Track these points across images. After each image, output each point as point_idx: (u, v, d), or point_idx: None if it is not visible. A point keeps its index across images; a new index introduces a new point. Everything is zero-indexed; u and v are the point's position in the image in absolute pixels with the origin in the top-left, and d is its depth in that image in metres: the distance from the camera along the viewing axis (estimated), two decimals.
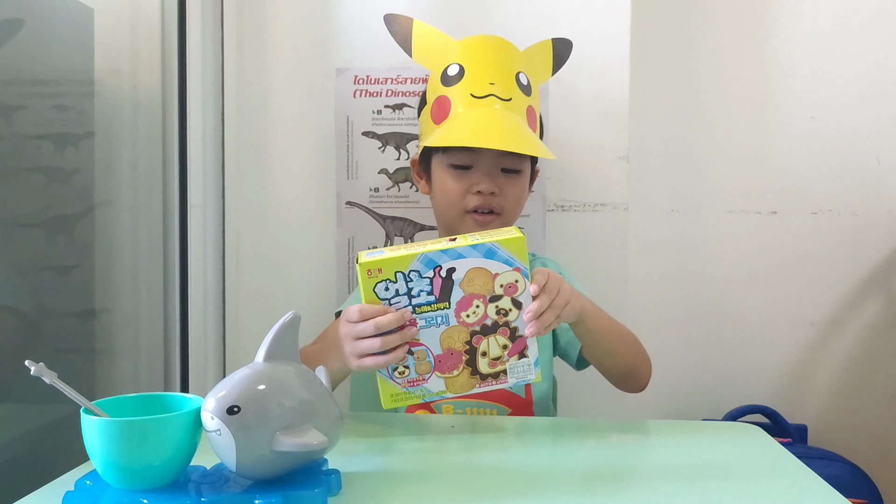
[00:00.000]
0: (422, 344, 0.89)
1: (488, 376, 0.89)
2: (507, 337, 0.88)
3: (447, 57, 1.22)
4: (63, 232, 1.27)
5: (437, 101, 1.21)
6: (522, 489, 0.78)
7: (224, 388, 0.68)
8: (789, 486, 0.79)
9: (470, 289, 0.87)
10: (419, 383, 0.89)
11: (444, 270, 0.87)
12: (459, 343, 0.88)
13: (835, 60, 1.66)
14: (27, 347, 1.18)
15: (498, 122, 1.16)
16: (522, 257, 0.88)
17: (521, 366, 0.89)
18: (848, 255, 1.67)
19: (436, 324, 0.88)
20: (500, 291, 0.88)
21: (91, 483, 0.71)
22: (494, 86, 1.18)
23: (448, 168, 1.20)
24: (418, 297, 0.87)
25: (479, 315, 0.88)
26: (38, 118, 1.23)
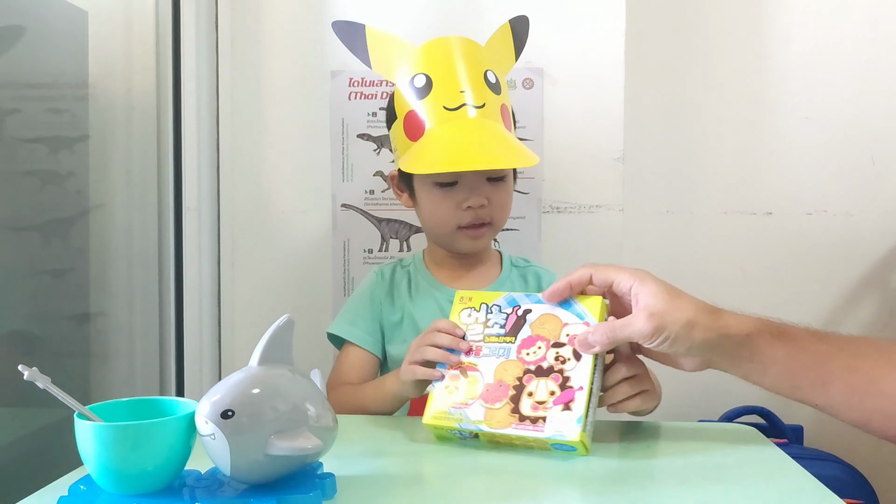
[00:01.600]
0: (478, 370, 0.91)
1: (527, 418, 0.86)
2: (558, 384, 0.87)
3: (410, 66, 1.18)
4: (57, 235, 1.27)
5: (409, 117, 1.16)
6: (519, 491, 0.78)
7: (218, 392, 0.68)
8: (785, 487, 0.79)
9: (538, 331, 0.90)
10: (462, 407, 0.89)
11: (521, 310, 0.93)
12: (511, 378, 0.89)
13: (829, 61, 1.66)
14: (22, 351, 1.18)
15: (478, 137, 1.13)
16: (598, 316, 0.88)
17: (563, 418, 0.85)
18: (843, 256, 1.67)
19: (497, 354, 0.91)
20: (564, 339, 0.89)
21: (85, 488, 0.71)
22: (465, 93, 1.14)
23: (432, 187, 1.17)
24: (491, 329, 0.93)
25: (538, 356, 0.89)
26: (33, 121, 1.23)
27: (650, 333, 0.82)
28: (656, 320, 0.82)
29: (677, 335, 0.82)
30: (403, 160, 1.16)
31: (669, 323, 0.82)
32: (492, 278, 1.25)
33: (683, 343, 0.83)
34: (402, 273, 1.27)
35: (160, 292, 1.39)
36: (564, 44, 1.47)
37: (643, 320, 0.82)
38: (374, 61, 1.22)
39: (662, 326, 0.82)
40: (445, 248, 1.24)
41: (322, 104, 1.51)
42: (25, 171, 1.21)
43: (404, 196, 1.25)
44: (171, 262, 1.39)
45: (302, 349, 1.14)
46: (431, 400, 0.92)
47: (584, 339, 0.86)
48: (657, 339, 0.83)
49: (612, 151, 1.48)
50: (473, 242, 1.19)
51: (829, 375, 0.84)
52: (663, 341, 0.83)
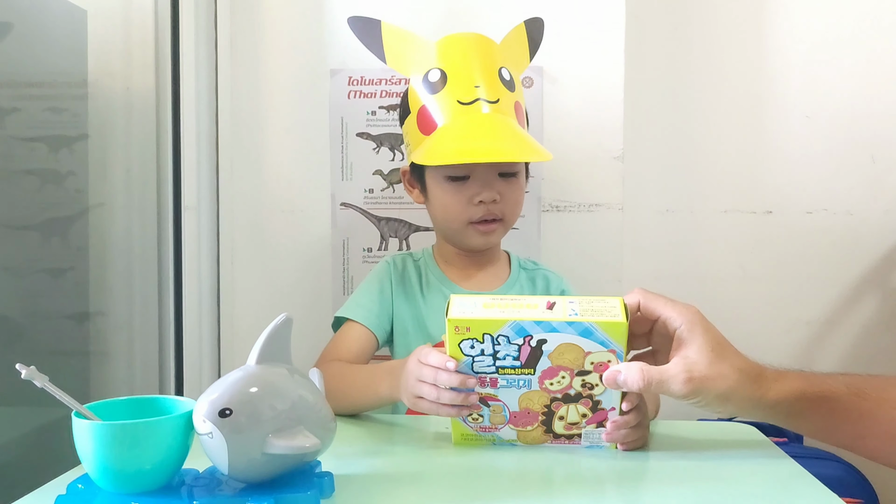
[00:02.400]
0: (500, 400, 0.85)
1: (562, 436, 0.86)
2: (589, 408, 0.85)
3: (425, 61, 1.17)
4: (57, 234, 1.27)
5: (423, 111, 1.16)
6: (517, 490, 0.78)
7: (216, 391, 0.68)
8: (784, 486, 0.79)
9: (559, 361, 0.82)
10: (491, 430, 0.87)
11: (534, 340, 0.82)
12: (538, 405, 0.85)
13: (829, 59, 1.66)
14: (21, 350, 1.17)
15: (490, 130, 1.13)
16: (621, 342, 0.81)
17: (598, 434, 0.85)
18: (843, 254, 1.67)
19: (517, 386, 0.84)
20: (589, 368, 0.82)
21: (83, 487, 0.71)
22: (480, 88, 1.14)
23: (444, 181, 1.16)
24: (503, 361, 0.83)
25: (563, 385, 0.84)
26: (32, 120, 1.22)
27: (684, 396, 0.80)
28: (694, 385, 0.79)
29: (710, 403, 0.81)
30: (418, 153, 1.16)
31: (706, 391, 0.79)
32: (502, 279, 1.25)
33: (714, 409, 0.82)
34: (413, 266, 1.26)
35: (159, 291, 1.39)
36: (564, 42, 1.47)
37: (680, 383, 0.79)
38: (389, 57, 1.22)
39: (698, 392, 0.79)
40: (456, 245, 1.23)
41: (321, 103, 1.51)
42: (25, 170, 1.21)
43: (415, 192, 1.25)
44: (171, 260, 1.39)
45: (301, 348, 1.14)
46: (455, 423, 0.88)
47: (614, 379, 0.81)
48: (690, 401, 0.81)
49: (611, 150, 1.48)
50: (484, 238, 1.19)
51: (867, 430, 0.83)
52: (696, 404, 0.81)
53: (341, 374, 1.08)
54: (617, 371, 0.81)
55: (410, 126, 1.19)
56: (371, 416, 1.06)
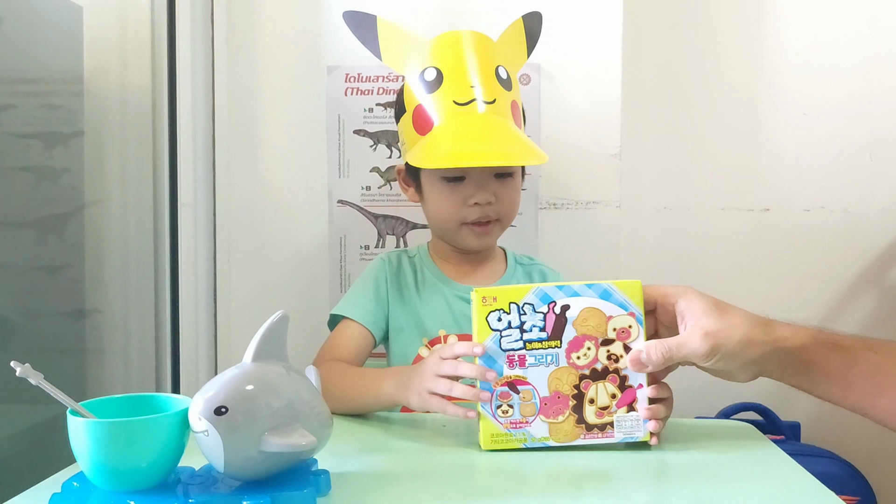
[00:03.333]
0: (528, 383, 0.85)
1: (594, 427, 0.85)
2: (617, 386, 0.85)
3: (421, 59, 1.16)
4: (53, 231, 1.27)
5: (418, 110, 1.15)
6: (514, 488, 0.78)
7: (212, 389, 0.68)
8: (781, 484, 0.78)
9: (583, 329, 0.85)
10: (522, 426, 0.85)
11: (558, 307, 0.85)
12: (567, 386, 0.85)
13: (827, 57, 1.66)
14: (16, 348, 1.17)
15: (486, 132, 1.12)
16: (638, 302, 0.85)
17: (630, 420, 0.85)
18: (840, 252, 1.67)
19: (545, 363, 0.85)
20: (612, 335, 0.85)
21: (78, 485, 0.70)
22: (476, 88, 1.12)
23: (439, 181, 1.16)
24: (530, 332, 0.85)
25: (589, 358, 0.85)
26: (27, 117, 1.22)
27: (706, 353, 0.81)
28: (711, 339, 0.80)
29: (733, 353, 0.81)
30: (411, 154, 1.15)
31: (724, 343, 0.81)
32: (497, 275, 1.25)
33: (738, 360, 0.82)
34: (408, 263, 1.25)
35: (156, 288, 1.39)
36: (562, 40, 1.47)
37: (698, 340, 0.81)
38: (385, 53, 1.21)
39: (718, 345, 0.80)
40: (451, 244, 1.23)
41: (318, 100, 1.50)
42: (20, 166, 1.20)
43: (410, 191, 1.24)
44: (167, 258, 1.39)
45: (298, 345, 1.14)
46: (484, 422, 0.86)
47: (638, 358, 0.84)
48: (713, 359, 0.81)
49: (609, 147, 1.48)
50: (480, 240, 1.18)
51: (880, 386, 0.83)
52: (718, 360, 0.81)
53: (342, 375, 1.07)
54: (639, 351, 0.84)
55: (406, 125, 1.18)
56: (368, 414, 1.05)
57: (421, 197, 1.22)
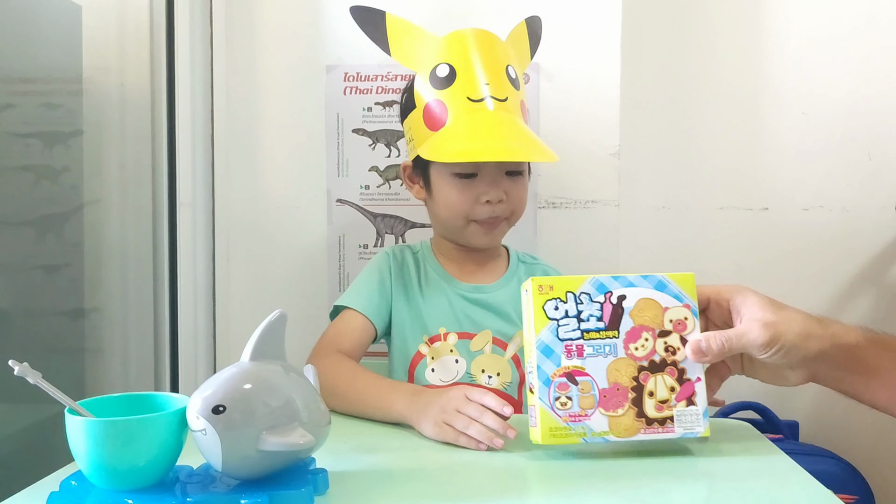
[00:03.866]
0: (587, 374, 0.83)
1: (654, 421, 0.84)
2: (675, 378, 0.84)
3: (433, 56, 1.16)
4: (52, 231, 1.27)
5: (430, 107, 1.15)
6: (511, 487, 0.78)
7: (210, 388, 0.68)
8: (779, 483, 0.79)
9: (640, 320, 0.84)
10: (581, 419, 0.83)
11: (614, 297, 0.85)
12: (626, 378, 0.84)
13: (826, 56, 1.66)
14: (15, 346, 1.17)
15: (500, 129, 1.12)
16: (692, 295, 0.86)
17: (689, 414, 0.84)
18: (839, 251, 1.67)
19: (603, 353, 0.84)
20: (669, 327, 0.85)
21: (76, 483, 0.71)
22: (489, 86, 1.13)
23: (451, 177, 1.15)
24: (587, 322, 0.84)
25: (647, 349, 0.84)
26: (26, 116, 1.22)
27: (766, 343, 0.80)
28: (771, 330, 0.80)
29: (792, 345, 0.81)
30: (425, 149, 1.14)
31: (784, 332, 0.80)
32: (499, 273, 1.25)
33: (797, 353, 0.81)
34: (412, 259, 1.25)
35: (155, 288, 1.39)
36: (561, 39, 1.47)
37: (758, 330, 0.80)
38: (394, 49, 1.20)
39: (777, 336, 0.80)
40: (456, 241, 1.23)
41: (317, 99, 1.50)
42: (19, 166, 1.21)
43: (415, 187, 1.24)
44: (166, 257, 1.39)
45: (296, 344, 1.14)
46: (544, 416, 0.83)
47: (698, 348, 0.83)
48: (772, 350, 0.81)
49: (608, 147, 1.48)
50: (487, 237, 1.19)
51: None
52: (777, 351, 0.81)
53: (351, 376, 1.07)
54: (697, 340, 0.83)
55: (415, 121, 1.18)
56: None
57: (428, 193, 1.22)
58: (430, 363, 1.18)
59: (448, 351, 1.19)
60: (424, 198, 1.24)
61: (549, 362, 0.83)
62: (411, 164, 1.24)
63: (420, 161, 1.19)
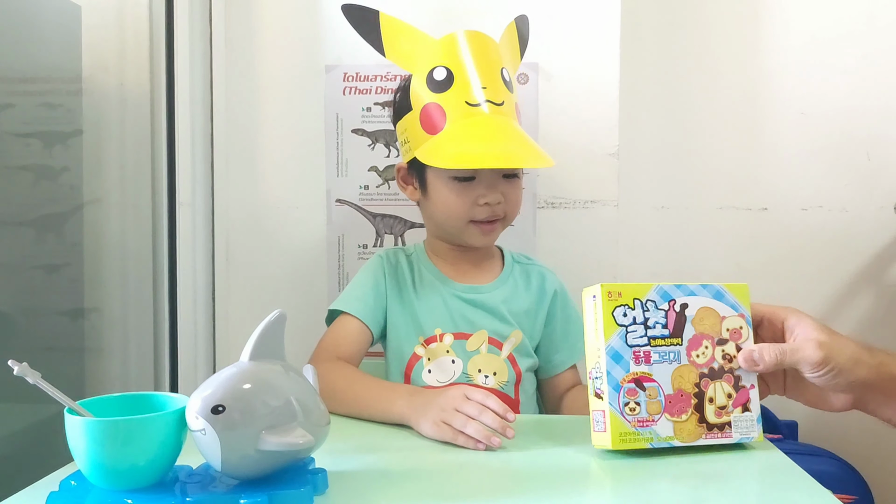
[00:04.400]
0: (654, 380, 0.86)
1: (714, 427, 0.87)
2: (732, 385, 0.88)
3: (429, 58, 1.15)
4: (52, 230, 1.27)
5: (427, 109, 1.14)
6: (510, 488, 0.78)
7: (209, 388, 0.68)
8: (778, 482, 0.79)
9: (700, 328, 0.88)
10: (649, 424, 0.85)
11: (678, 305, 0.88)
12: (689, 385, 0.87)
13: (825, 56, 1.66)
14: (16, 346, 1.17)
15: (499, 134, 1.12)
16: (746, 305, 0.89)
17: (745, 420, 0.88)
18: (838, 251, 1.67)
19: (668, 360, 0.87)
20: (726, 335, 0.88)
21: (76, 483, 0.71)
22: (486, 90, 1.13)
23: (448, 181, 1.16)
24: (654, 329, 0.86)
25: (707, 357, 0.88)
26: (26, 116, 1.22)
27: (819, 362, 0.82)
28: (825, 350, 0.82)
29: (843, 368, 0.82)
30: (423, 152, 1.14)
31: (837, 354, 0.82)
32: (495, 273, 1.25)
33: (846, 377, 0.83)
34: (406, 261, 1.25)
35: (154, 287, 1.39)
36: (559, 39, 1.47)
37: (813, 348, 0.82)
38: (389, 49, 1.19)
39: (830, 357, 0.82)
40: (453, 242, 1.23)
41: (316, 99, 1.50)
42: (19, 165, 1.21)
43: (409, 189, 1.24)
44: (165, 257, 1.39)
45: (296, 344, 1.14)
46: (614, 421, 0.84)
47: (751, 357, 0.87)
48: (823, 369, 0.82)
49: (607, 147, 1.48)
50: (485, 237, 1.19)
51: None
52: (828, 372, 0.82)
53: (349, 381, 1.08)
54: (751, 350, 0.87)
55: (411, 123, 1.17)
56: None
57: (424, 195, 1.22)
58: (426, 364, 1.18)
59: (444, 352, 1.19)
60: (419, 199, 1.24)
61: (619, 368, 0.85)
62: (406, 166, 1.23)
63: (416, 163, 1.19)
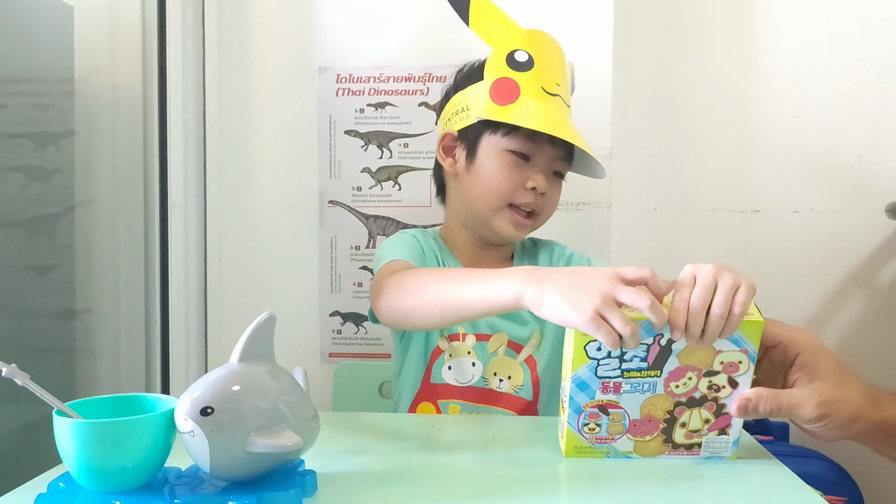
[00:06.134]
0: (620, 407, 0.81)
1: (681, 446, 0.83)
2: (713, 412, 0.82)
3: (513, 40, 1.15)
4: (43, 231, 1.27)
5: (503, 82, 1.14)
6: (503, 489, 0.78)
7: (198, 389, 0.68)
8: (766, 484, 0.79)
9: (687, 361, 0.79)
10: (607, 441, 0.83)
11: (664, 339, 0.78)
12: (660, 412, 0.82)
13: (817, 59, 1.67)
14: (6, 348, 1.17)
15: (569, 126, 1.13)
16: (754, 342, 0.79)
17: (719, 442, 0.83)
18: (830, 254, 1.68)
19: (641, 390, 0.80)
20: (718, 368, 0.80)
21: (64, 485, 0.70)
22: (560, 87, 1.15)
23: (504, 153, 1.14)
24: (630, 362, 0.79)
25: (689, 387, 0.81)
26: (18, 117, 1.22)
27: (814, 419, 0.80)
28: (824, 409, 0.79)
29: (838, 425, 0.81)
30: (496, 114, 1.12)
31: (834, 414, 0.80)
32: (506, 261, 1.25)
33: (840, 432, 0.82)
34: (435, 247, 1.22)
35: (146, 289, 1.39)
36: None
37: (812, 407, 0.79)
38: (473, 21, 1.19)
39: (826, 416, 0.79)
40: (476, 231, 1.21)
41: (309, 100, 1.51)
42: (11, 166, 1.20)
43: (449, 160, 1.20)
44: (157, 258, 1.39)
45: (288, 346, 1.14)
46: (570, 435, 0.83)
47: (745, 406, 0.80)
48: (816, 425, 0.81)
49: (599, 149, 1.48)
50: (516, 230, 1.17)
51: None
52: (820, 427, 0.81)
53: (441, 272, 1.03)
54: (747, 399, 0.80)
55: (478, 92, 1.16)
56: (355, 414, 1.06)
57: (468, 165, 1.18)
58: (447, 360, 1.17)
59: (465, 353, 1.17)
60: (457, 172, 1.20)
61: (584, 395, 0.81)
62: (454, 133, 1.20)
63: (470, 131, 1.17)
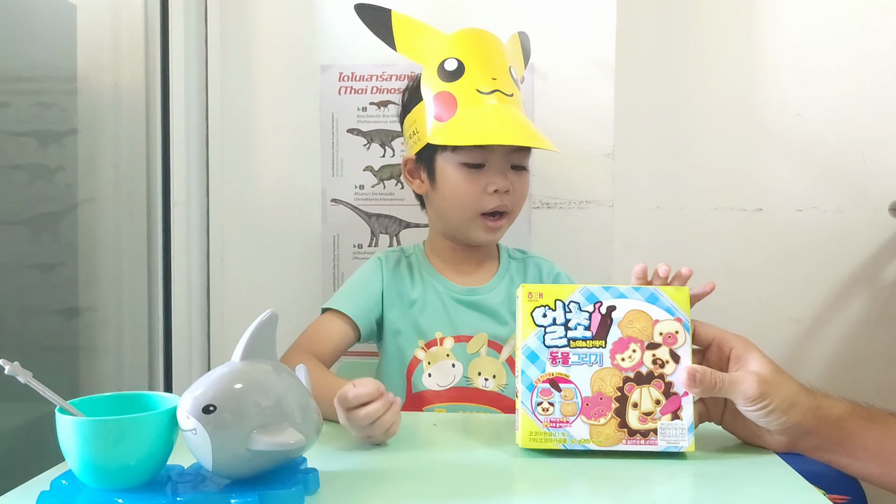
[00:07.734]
0: (571, 381, 0.84)
1: (637, 433, 0.84)
2: (662, 392, 0.84)
3: (440, 51, 1.18)
4: (46, 229, 1.27)
5: (439, 98, 1.16)
6: (502, 488, 0.78)
7: (200, 387, 0.68)
8: (770, 483, 0.79)
9: (629, 331, 0.85)
10: (562, 425, 0.84)
11: (604, 307, 0.85)
12: (610, 388, 0.84)
13: (820, 57, 1.67)
14: (9, 345, 1.17)
15: (510, 118, 1.14)
16: (685, 309, 0.86)
17: (674, 428, 0.84)
18: (833, 252, 1.67)
19: (588, 362, 0.84)
20: (658, 339, 0.85)
21: (67, 483, 0.71)
22: (497, 80, 1.15)
23: (459, 167, 1.16)
24: (575, 330, 0.85)
25: (634, 361, 0.84)
26: (21, 115, 1.22)
27: (755, 397, 0.82)
28: (764, 387, 0.81)
29: (777, 408, 0.82)
30: (435, 136, 1.14)
31: (774, 393, 0.82)
32: (493, 271, 1.25)
33: (779, 418, 0.83)
34: (406, 263, 1.25)
35: (149, 287, 1.39)
36: (554, 39, 1.47)
37: (752, 383, 0.82)
38: (400, 44, 1.22)
39: (767, 394, 0.81)
40: (457, 239, 1.23)
41: (312, 99, 1.50)
42: (14, 164, 1.21)
43: (416, 182, 1.23)
44: (160, 256, 1.39)
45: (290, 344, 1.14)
46: (524, 420, 0.84)
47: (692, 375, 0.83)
48: (758, 405, 0.82)
49: (602, 147, 1.48)
50: (490, 234, 1.19)
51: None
52: (762, 408, 0.82)
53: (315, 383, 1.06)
54: (694, 369, 0.83)
55: (420, 114, 1.18)
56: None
57: (432, 185, 1.21)
58: (426, 368, 1.18)
59: (444, 356, 1.19)
60: (426, 192, 1.23)
61: (534, 367, 0.85)
62: (413, 158, 1.23)
63: (424, 154, 1.19)
